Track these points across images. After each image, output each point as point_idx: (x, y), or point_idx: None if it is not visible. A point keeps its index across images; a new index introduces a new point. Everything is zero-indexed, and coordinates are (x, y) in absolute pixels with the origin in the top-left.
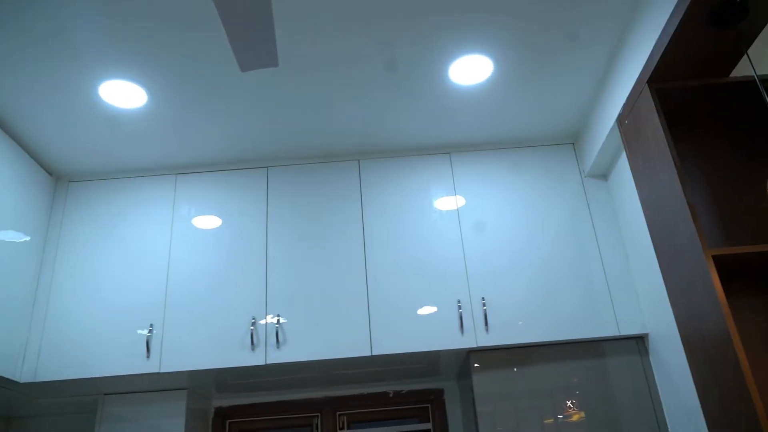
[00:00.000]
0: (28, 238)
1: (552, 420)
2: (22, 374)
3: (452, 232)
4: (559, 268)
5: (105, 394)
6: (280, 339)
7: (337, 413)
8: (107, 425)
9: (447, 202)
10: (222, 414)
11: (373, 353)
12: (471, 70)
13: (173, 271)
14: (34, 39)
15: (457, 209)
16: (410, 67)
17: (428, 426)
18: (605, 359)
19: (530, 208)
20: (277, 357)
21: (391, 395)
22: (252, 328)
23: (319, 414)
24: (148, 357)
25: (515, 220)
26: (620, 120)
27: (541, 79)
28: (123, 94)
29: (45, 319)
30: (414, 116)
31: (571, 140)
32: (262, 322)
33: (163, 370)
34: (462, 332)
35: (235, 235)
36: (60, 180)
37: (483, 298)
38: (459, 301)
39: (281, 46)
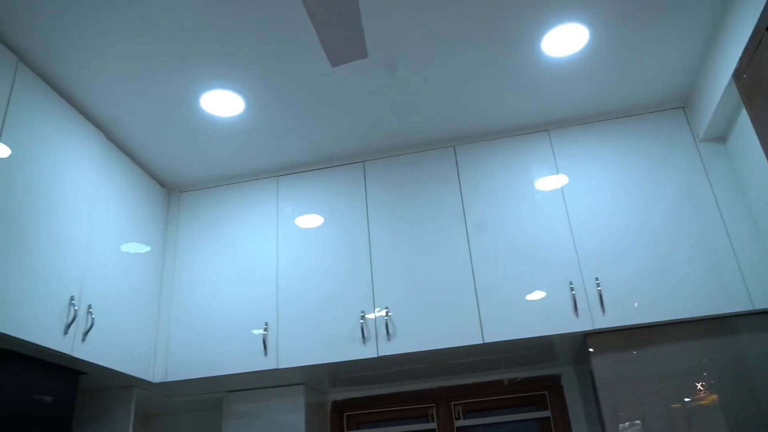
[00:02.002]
0: (148, 248)
1: (680, 405)
2: (155, 375)
3: (558, 212)
4: (678, 241)
5: (229, 392)
6: (390, 331)
7: (452, 403)
8: (233, 421)
9: (550, 182)
10: (339, 407)
11: (485, 341)
12: (565, 40)
13: (282, 270)
14: (140, 59)
15: (561, 188)
16: (501, 44)
17: (547, 413)
18: (738, 336)
19: (640, 180)
20: (388, 349)
21: (505, 383)
22: (361, 321)
23: (434, 404)
24: (265, 354)
25: (625, 194)
26: (737, 74)
27: (642, 41)
28: (222, 103)
29: (170, 323)
30: (509, 95)
31: (681, 104)
32: (371, 315)
33: (280, 367)
34: (576, 315)
35: (338, 231)
36: (172, 191)
37: (596, 278)
38: (571, 283)
39: (369, 38)
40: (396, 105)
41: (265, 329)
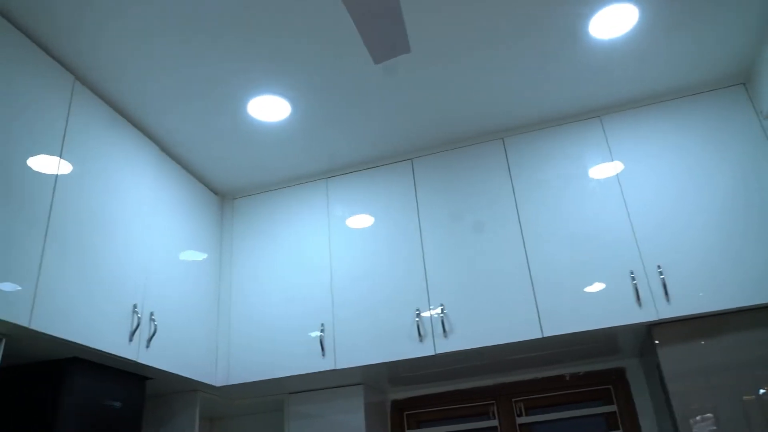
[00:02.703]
0: (205, 255)
1: (753, 397)
2: (217, 378)
3: (614, 200)
4: (742, 223)
5: (289, 393)
6: (447, 328)
7: (513, 400)
8: (294, 422)
9: (604, 169)
10: (399, 406)
11: (544, 335)
12: (614, 21)
13: (335, 271)
14: (188, 71)
15: (617, 175)
16: (547, 30)
17: (613, 408)
18: None
19: (700, 161)
20: (445, 346)
21: (567, 378)
22: (417, 319)
23: (494, 401)
24: (323, 355)
25: (684, 177)
26: None
27: (695, 17)
28: (268, 108)
29: (229, 327)
30: (556, 83)
31: (741, 80)
32: (426, 313)
33: (338, 367)
34: (639, 305)
35: (389, 229)
36: (225, 198)
37: (659, 266)
38: (632, 272)
39: (412, 31)
40: (442, 100)
41: (322, 330)
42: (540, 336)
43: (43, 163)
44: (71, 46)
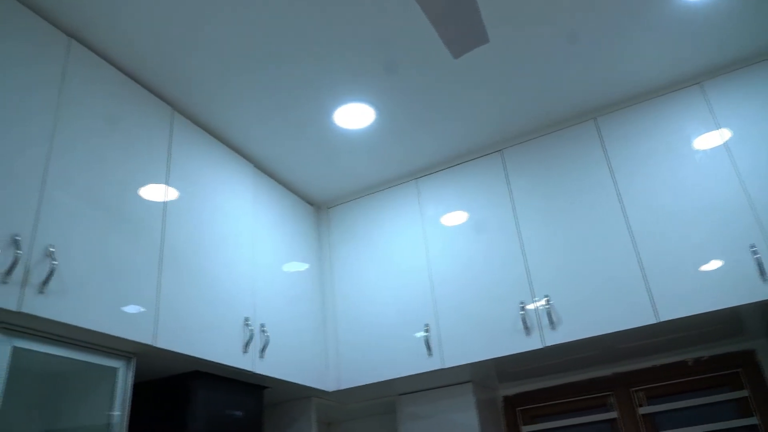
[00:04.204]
0: (307, 265)
1: None
2: (329, 384)
3: (724, 169)
4: None
5: (400, 394)
6: (554, 320)
7: (632, 389)
8: (407, 423)
9: (709, 139)
10: (511, 402)
11: (660, 319)
12: None
13: (434, 270)
14: (276, 89)
15: (725, 143)
16: None
17: (744, 393)
18: None
19: None
20: (554, 339)
21: (690, 364)
22: (522, 312)
23: (611, 392)
24: (429, 355)
25: None
26: None
27: None
28: (354, 116)
29: (336, 333)
30: (649, 52)
31: None
32: (531, 306)
33: (445, 366)
34: (764, 280)
35: (485, 223)
36: (320, 208)
37: None
38: (752, 246)
39: (489, 21)
40: (526, 86)
41: (426, 330)
42: (655, 321)
43: (152, 192)
44: (167, 78)
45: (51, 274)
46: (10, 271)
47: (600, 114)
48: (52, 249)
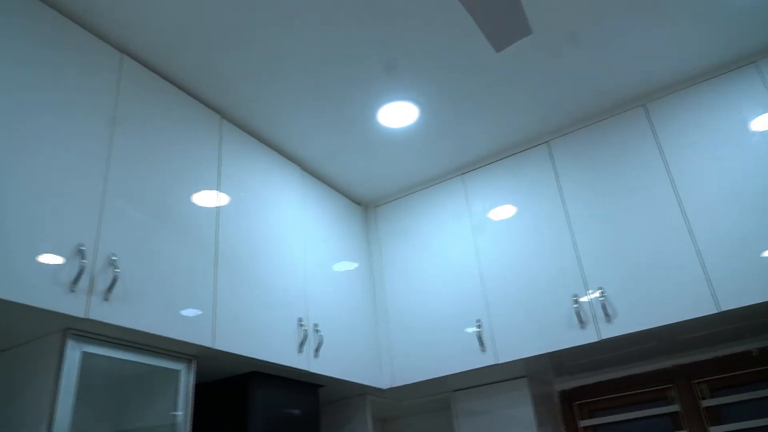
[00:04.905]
0: (356, 264)
1: None
2: (383, 381)
3: None
4: None
5: (454, 391)
6: (609, 312)
7: (693, 381)
8: (463, 419)
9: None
10: (567, 397)
11: (721, 309)
12: None
13: (484, 265)
14: (320, 91)
15: None
16: None
17: None
18: None
19: None
20: (610, 331)
21: (754, 354)
22: (575, 305)
23: (672, 384)
24: (483, 351)
25: None
26: None
27: None
28: (397, 114)
29: (388, 331)
30: (700, 32)
31: None
32: (584, 298)
33: (499, 362)
34: None
35: (533, 216)
36: (368, 207)
37: None
38: None
39: (531, 12)
40: (571, 75)
41: (479, 326)
42: (716, 311)
43: (205, 198)
44: (214, 87)
45: (114, 281)
46: (76, 280)
47: (649, 100)
48: (114, 257)
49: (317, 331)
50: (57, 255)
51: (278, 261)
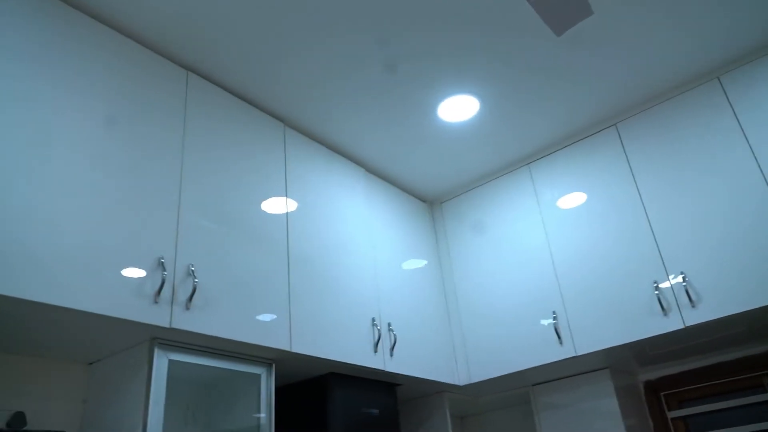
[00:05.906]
0: (425, 261)
1: None
2: (460, 378)
3: None
4: None
5: (533, 385)
6: (693, 297)
7: None
8: (544, 413)
9: None
10: (652, 387)
11: None
12: None
13: (556, 255)
14: (380, 91)
15: None
16: None
17: None
18: None
19: None
20: (695, 317)
21: None
22: (656, 292)
23: (766, 372)
24: (560, 343)
25: None
26: None
27: None
28: (458, 108)
29: (461, 327)
30: None
31: None
32: (665, 284)
33: (578, 354)
34: None
35: (605, 202)
36: (433, 204)
37: None
38: None
39: None
40: (639, 53)
41: (554, 318)
42: None
43: (274, 205)
44: (275, 95)
45: (194, 290)
46: (159, 292)
47: (724, 71)
48: (192, 267)
49: (391, 330)
50: (140, 268)
51: (348, 262)
